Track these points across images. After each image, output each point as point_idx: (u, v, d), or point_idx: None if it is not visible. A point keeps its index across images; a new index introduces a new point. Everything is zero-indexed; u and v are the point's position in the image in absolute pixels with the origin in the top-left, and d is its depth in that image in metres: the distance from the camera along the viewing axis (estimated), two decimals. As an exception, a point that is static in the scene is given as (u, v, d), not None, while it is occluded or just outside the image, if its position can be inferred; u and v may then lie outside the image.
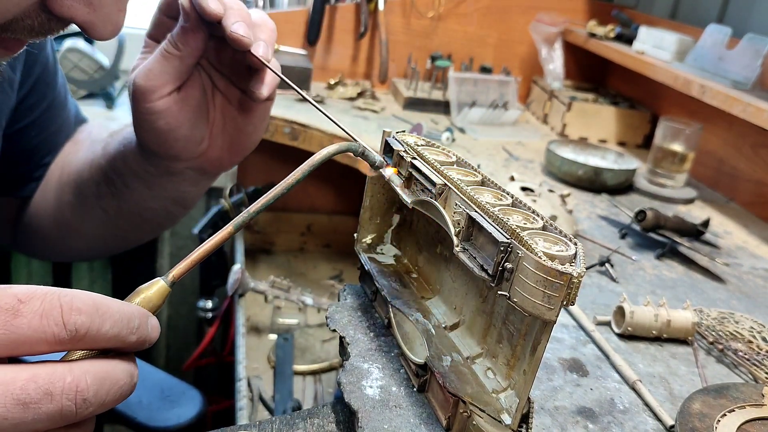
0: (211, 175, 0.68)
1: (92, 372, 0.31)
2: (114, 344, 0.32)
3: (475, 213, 0.42)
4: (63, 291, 0.31)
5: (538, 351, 0.40)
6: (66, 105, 0.75)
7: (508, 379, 0.45)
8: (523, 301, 0.38)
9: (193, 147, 0.61)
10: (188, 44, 0.54)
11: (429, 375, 0.47)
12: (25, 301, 0.30)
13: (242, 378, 0.99)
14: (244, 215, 0.39)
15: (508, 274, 0.39)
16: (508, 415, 0.43)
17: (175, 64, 0.54)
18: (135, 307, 0.34)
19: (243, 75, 0.59)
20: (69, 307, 0.30)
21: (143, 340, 0.34)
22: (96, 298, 0.32)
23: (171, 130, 0.58)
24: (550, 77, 1.54)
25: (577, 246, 0.40)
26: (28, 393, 0.29)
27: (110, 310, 0.32)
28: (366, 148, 0.46)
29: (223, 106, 0.62)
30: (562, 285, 0.36)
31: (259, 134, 0.65)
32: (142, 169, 0.64)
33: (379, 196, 0.57)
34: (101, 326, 0.31)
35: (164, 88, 0.55)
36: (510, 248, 0.39)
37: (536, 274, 0.37)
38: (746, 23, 1.29)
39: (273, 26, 0.57)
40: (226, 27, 0.51)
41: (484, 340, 0.48)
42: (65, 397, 0.30)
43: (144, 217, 0.70)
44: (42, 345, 0.30)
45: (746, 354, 0.67)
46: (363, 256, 0.57)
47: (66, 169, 0.72)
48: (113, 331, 0.32)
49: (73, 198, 0.70)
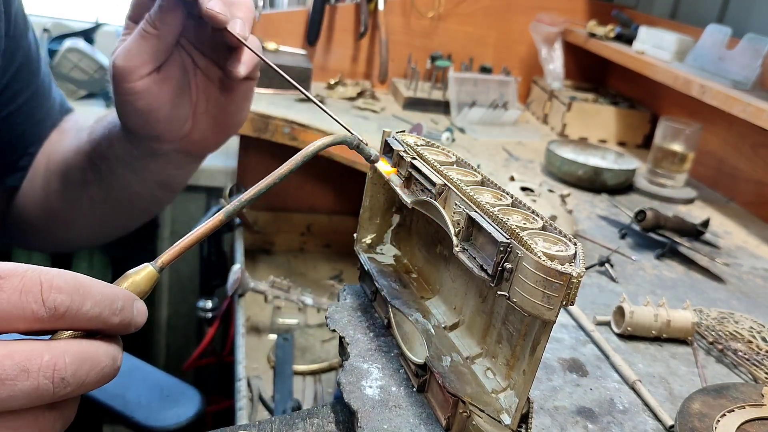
0: (197, 157, 0.67)
1: (72, 351, 0.31)
2: (96, 325, 0.32)
3: (474, 213, 0.42)
4: (45, 269, 0.31)
5: (537, 351, 0.40)
6: (50, 94, 0.75)
7: (508, 380, 0.45)
8: (522, 301, 0.38)
9: (176, 127, 0.61)
10: (166, 23, 0.53)
11: (428, 375, 0.47)
12: (5, 277, 0.29)
13: (242, 378, 0.99)
14: (236, 203, 0.39)
15: (507, 274, 0.39)
16: (507, 415, 0.43)
17: (153, 44, 0.54)
18: (119, 289, 0.34)
19: (224, 55, 0.59)
20: (49, 285, 0.30)
21: (127, 323, 0.34)
22: (78, 278, 0.31)
23: (152, 110, 0.58)
24: (550, 77, 1.54)
25: (577, 246, 0.40)
26: (4, 369, 0.29)
27: (92, 291, 0.31)
28: (361, 141, 0.46)
29: (205, 85, 0.61)
30: (562, 285, 0.36)
31: (243, 114, 0.64)
32: (127, 152, 0.64)
33: (379, 196, 0.57)
34: (81, 305, 0.31)
35: (143, 68, 0.55)
36: (509, 248, 0.38)
37: (536, 274, 0.37)
38: (746, 23, 1.29)
39: (250, 4, 0.56)
40: (202, 4, 0.51)
41: (484, 341, 0.48)
42: (42, 375, 0.29)
43: (131, 201, 0.70)
44: (20, 322, 0.30)
45: (746, 354, 0.67)
46: (363, 256, 0.57)
47: (52, 158, 0.72)
48: (94, 311, 0.31)
49: (60, 186, 0.70)
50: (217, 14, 0.50)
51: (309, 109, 1.27)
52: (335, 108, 1.39)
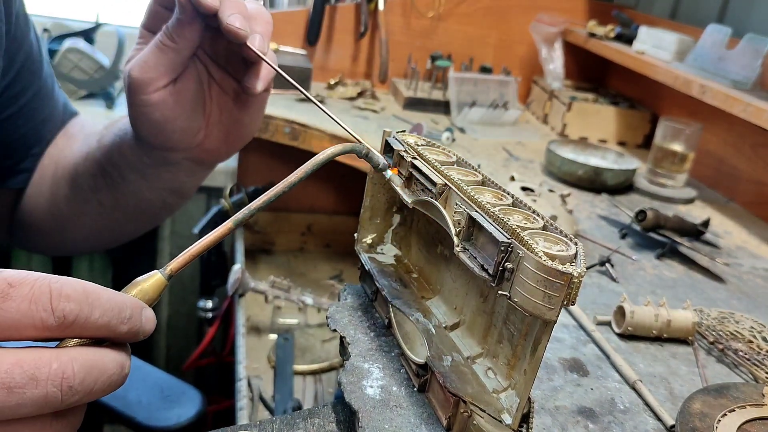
0: (208, 165, 0.67)
1: (80, 359, 0.31)
2: (104, 333, 0.32)
3: (475, 213, 0.42)
4: (54, 278, 0.31)
5: (538, 351, 0.40)
6: (53, 95, 0.75)
7: (509, 379, 0.45)
8: (523, 301, 0.38)
9: (190, 138, 0.61)
10: (184, 36, 0.53)
11: (429, 375, 0.47)
12: (15, 285, 0.29)
13: (242, 378, 0.99)
14: (245, 211, 0.39)
15: (508, 274, 0.39)
16: (508, 415, 0.43)
17: (170, 57, 0.54)
18: (128, 297, 0.34)
19: (239, 66, 0.59)
20: (58, 294, 0.30)
21: (136, 331, 0.34)
22: (87, 286, 0.31)
23: (167, 121, 0.57)
24: (550, 77, 1.54)
25: (578, 246, 0.40)
26: (13, 377, 0.29)
27: (100, 299, 0.31)
28: (370, 149, 0.46)
29: (219, 97, 0.61)
30: (563, 285, 0.36)
31: (256, 125, 0.64)
32: (138, 160, 0.63)
33: (379, 196, 0.57)
34: (90, 314, 0.31)
35: (160, 81, 0.55)
36: (510, 248, 0.38)
37: (537, 274, 0.37)
38: (746, 23, 1.29)
39: (269, 18, 0.56)
40: (222, 19, 0.50)
41: (485, 340, 0.48)
42: (50, 383, 0.30)
43: (141, 208, 0.70)
44: (29, 330, 0.30)
45: (746, 354, 0.67)
46: (363, 256, 0.57)
47: (61, 163, 0.72)
48: (103, 320, 0.31)
49: (68, 191, 0.70)
50: (238, 30, 0.50)
51: (309, 109, 1.27)
52: (335, 108, 1.38)
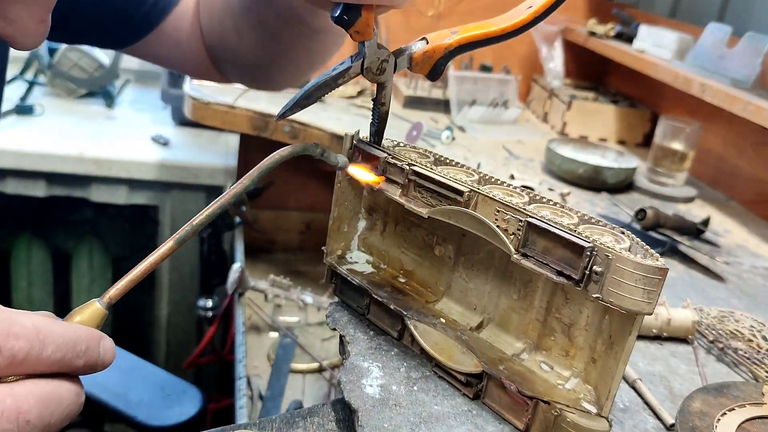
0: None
1: (35, 393, 0.30)
2: (59, 369, 0.31)
3: (535, 220, 0.42)
4: (3, 315, 0.30)
5: (629, 342, 0.41)
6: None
7: (569, 369, 0.46)
8: (620, 300, 0.39)
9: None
10: None
11: (486, 381, 0.46)
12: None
13: (242, 376, 0.99)
14: (187, 228, 0.37)
15: (596, 276, 0.40)
16: (588, 404, 0.44)
17: None
18: (84, 329, 0.33)
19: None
20: (6, 333, 0.29)
21: (93, 364, 0.33)
22: (38, 322, 0.30)
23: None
24: (550, 76, 1.54)
25: (629, 236, 0.41)
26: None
27: (53, 334, 0.30)
28: (325, 149, 0.45)
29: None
30: (660, 279, 0.38)
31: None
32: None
33: (347, 204, 0.55)
34: (42, 351, 0.30)
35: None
36: (595, 252, 0.40)
37: (634, 274, 0.38)
38: (746, 22, 1.29)
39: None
40: None
41: (526, 335, 0.49)
42: (5, 420, 0.29)
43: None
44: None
45: (746, 353, 0.67)
46: (342, 269, 0.54)
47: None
48: (56, 356, 0.31)
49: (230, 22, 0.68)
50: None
51: (309, 108, 1.27)
52: (335, 107, 1.38)
